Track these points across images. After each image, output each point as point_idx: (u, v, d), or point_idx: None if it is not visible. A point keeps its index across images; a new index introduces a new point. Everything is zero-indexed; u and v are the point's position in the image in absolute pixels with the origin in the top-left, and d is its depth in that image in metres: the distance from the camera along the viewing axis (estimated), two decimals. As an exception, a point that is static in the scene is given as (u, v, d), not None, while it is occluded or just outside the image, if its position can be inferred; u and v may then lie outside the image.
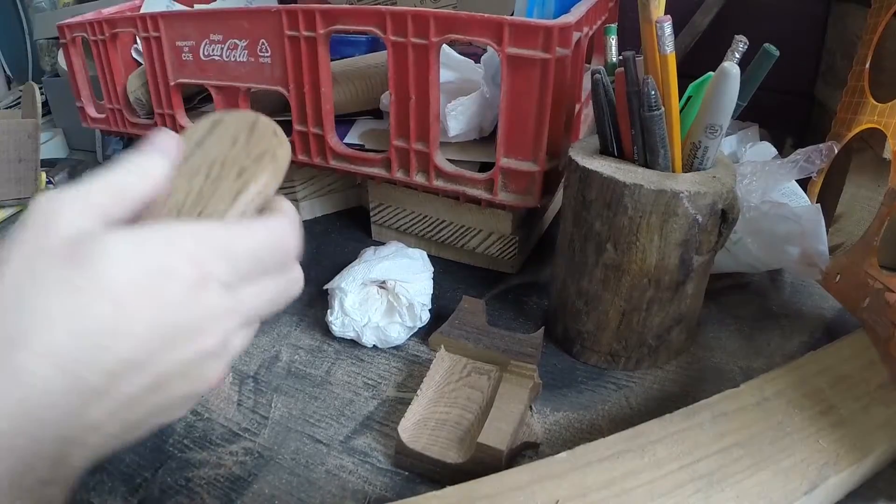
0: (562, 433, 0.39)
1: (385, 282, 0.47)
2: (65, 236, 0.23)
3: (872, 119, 0.49)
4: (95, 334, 0.22)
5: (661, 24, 0.35)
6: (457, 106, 0.50)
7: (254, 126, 0.33)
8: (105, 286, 0.22)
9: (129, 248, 0.23)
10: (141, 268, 0.23)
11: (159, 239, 0.24)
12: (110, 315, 0.22)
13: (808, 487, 0.31)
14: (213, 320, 0.25)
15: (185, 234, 0.25)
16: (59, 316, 0.22)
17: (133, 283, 0.23)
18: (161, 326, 0.24)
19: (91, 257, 0.22)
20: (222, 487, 0.36)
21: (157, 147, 0.27)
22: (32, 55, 1.15)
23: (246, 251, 0.27)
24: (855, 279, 0.43)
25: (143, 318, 0.23)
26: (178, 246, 0.24)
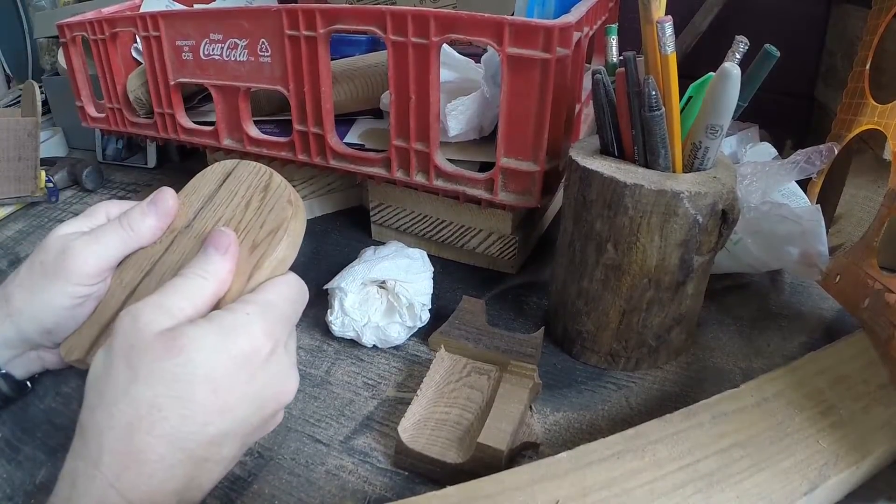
0: (562, 433, 0.39)
1: (385, 282, 0.47)
2: (153, 333, 0.27)
3: (872, 120, 0.49)
4: (199, 414, 0.26)
5: (661, 24, 0.35)
6: (457, 106, 0.50)
7: (267, 188, 0.34)
8: (202, 373, 0.26)
9: (214, 339, 0.27)
10: (228, 353, 0.27)
11: (237, 325, 0.28)
12: (209, 397, 0.26)
13: (809, 488, 0.31)
14: (287, 378, 0.30)
15: (253, 312, 0.29)
16: (168, 402, 0.26)
17: (223, 367, 0.27)
18: (251, 398, 0.28)
19: (185, 349, 0.26)
20: (222, 487, 0.36)
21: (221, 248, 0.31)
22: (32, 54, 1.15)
23: (291, 309, 0.31)
24: (855, 280, 0.43)
25: (237, 395, 0.27)
26: (253, 327, 0.28)
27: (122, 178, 0.81)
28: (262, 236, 0.32)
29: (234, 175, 0.35)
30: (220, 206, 0.34)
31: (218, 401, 0.26)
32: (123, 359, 0.26)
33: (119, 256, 0.34)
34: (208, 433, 0.26)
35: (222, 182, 0.35)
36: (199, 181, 0.36)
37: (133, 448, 0.25)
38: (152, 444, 0.25)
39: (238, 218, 0.33)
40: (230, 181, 0.35)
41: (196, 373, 0.26)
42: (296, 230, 0.32)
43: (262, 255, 0.31)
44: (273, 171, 0.34)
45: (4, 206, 0.70)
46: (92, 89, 0.71)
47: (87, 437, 0.26)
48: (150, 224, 0.34)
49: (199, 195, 0.35)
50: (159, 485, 0.25)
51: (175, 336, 0.26)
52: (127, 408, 0.25)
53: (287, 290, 0.31)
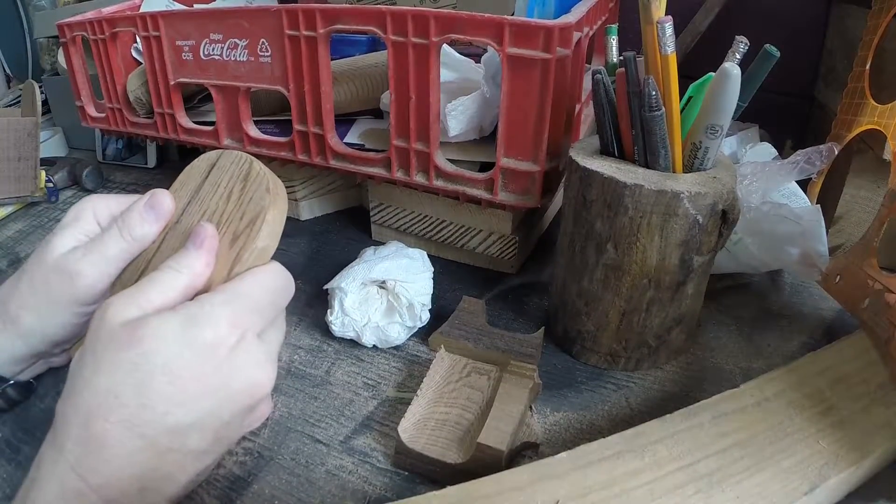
0: (562, 433, 0.39)
1: (385, 282, 0.47)
2: (118, 324, 0.27)
3: (872, 120, 0.49)
4: (158, 403, 0.26)
5: (662, 24, 0.35)
6: (457, 106, 0.50)
7: (247, 177, 0.34)
8: (160, 363, 0.27)
9: (176, 329, 0.27)
10: (189, 343, 0.27)
11: (201, 315, 0.28)
12: (168, 388, 0.27)
13: (809, 488, 0.31)
14: (259, 370, 0.30)
15: (219, 303, 0.29)
16: (125, 390, 0.26)
17: (184, 358, 0.27)
18: (216, 390, 0.28)
19: (145, 339, 0.27)
20: (222, 487, 0.36)
21: (197, 242, 0.31)
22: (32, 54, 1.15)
23: (267, 299, 0.31)
24: (855, 280, 0.43)
25: (199, 387, 0.27)
26: (218, 317, 0.28)
27: (122, 178, 0.81)
28: (242, 227, 0.32)
29: (217, 166, 0.35)
30: (205, 200, 0.34)
31: (177, 391, 0.27)
32: (91, 350, 0.27)
33: (122, 265, 0.34)
34: (168, 423, 0.27)
35: (207, 174, 0.35)
36: (187, 175, 0.36)
37: (92, 433, 0.26)
38: (109, 430, 0.26)
39: (220, 210, 0.33)
40: (214, 172, 0.35)
41: (154, 362, 0.26)
42: (274, 219, 0.32)
43: (242, 247, 0.31)
44: (253, 158, 0.34)
45: (4, 206, 0.70)
46: (92, 89, 0.71)
47: (56, 426, 0.27)
48: (150, 230, 0.34)
49: (187, 189, 0.35)
50: (118, 470, 0.26)
51: (136, 326, 0.27)
52: (89, 396, 0.26)
53: (264, 280, 0.31)
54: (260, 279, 0.31)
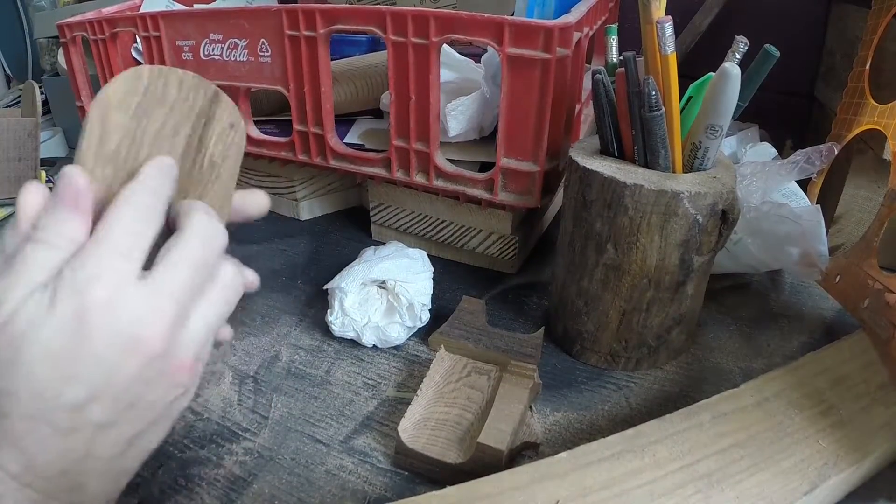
0: (562, 433, 0.39)
1: (385, 282, 0.47)
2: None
3: (872, 120, 0.49)
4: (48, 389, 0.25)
5: (661, 24, 0.35)
6: (457, 106, 0.50)
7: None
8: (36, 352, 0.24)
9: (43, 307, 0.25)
10: (55, 320, 0.25)
11: (65, 283, 0.25)
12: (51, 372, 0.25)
13: (808, 488, 0.31)
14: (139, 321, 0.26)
15: (90, 256, 0.25)
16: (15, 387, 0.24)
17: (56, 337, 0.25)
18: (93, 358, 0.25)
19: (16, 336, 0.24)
20: (222, 487, 0.36)
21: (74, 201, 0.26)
22: (32, 54, 1.15)
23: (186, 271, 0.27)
24: (855, 280, 0.43)
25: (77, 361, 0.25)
26: (79, 280, 0.25)
27: (123, 179, 0.81)
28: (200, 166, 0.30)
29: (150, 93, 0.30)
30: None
31: (61, 372, 0.25)
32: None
33: None
34: (62, 403, 0.25)
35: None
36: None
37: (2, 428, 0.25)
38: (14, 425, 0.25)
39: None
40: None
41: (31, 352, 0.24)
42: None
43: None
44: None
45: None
46: (92, 89, 0.71)
47: None
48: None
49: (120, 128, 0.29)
50: (32, 457, 0.25)
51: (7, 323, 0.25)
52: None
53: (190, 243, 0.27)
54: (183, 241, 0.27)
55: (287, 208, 0.67)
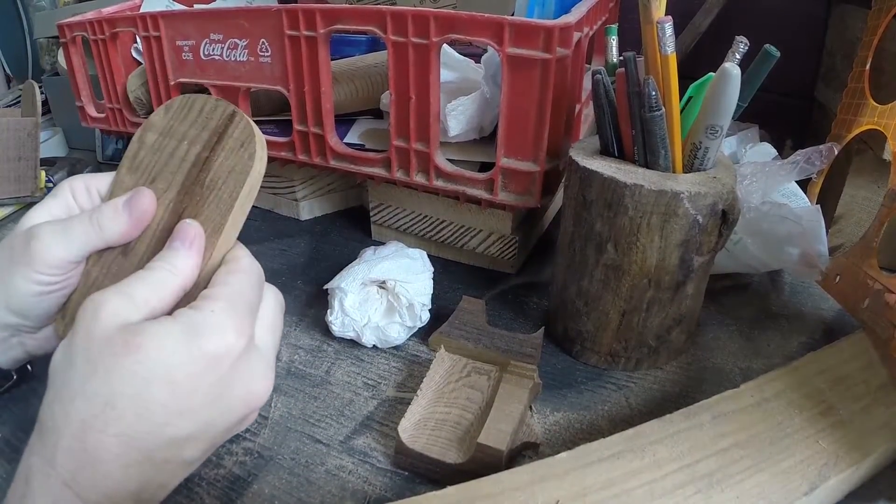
0: (562, 433, 0.39)
1: (385, 282, 0.47)
2: (115, 327, 0.26)
3: (872, 120, 0.49)
4: (157, 415, 0.25)
5: (661, 24, 0.35)
6: (457, 106, 0.50)
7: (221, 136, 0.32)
8: (161, 373, 0.25)
9: (178, 338, 0.26)
10: (192, 353, 0.26)
11: (205, 324, 0.27)
12: (168, 398, 0.25)
13: (808, 488, 0.31)
14: (261, 379, 0.29)
15: (221, 309, 0.27)
16: (123, 401, 0.25)
17: (186, 368, 0.26)
18: (216, 401, 0.27)
19: (144, 347, 0.25)
20: (222, 487, 0.36)
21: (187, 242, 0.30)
22: (32, 54, 1.15)
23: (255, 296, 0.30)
24: (855, 280, 0.43)
25: (199, 398, 0.26)
26: (222, 325, 0.27)
27: (122, 178, 0.81)
28: (216, 216, 0.31)
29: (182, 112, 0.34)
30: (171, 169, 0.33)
31: (177, 402, 0.26)
32: (83, 352, 0.25)
33: (85, 252, 0.32)
34: (166, 434, 0.25)
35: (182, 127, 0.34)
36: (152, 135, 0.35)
37: (88, 446, 0.24)
38: (107, 443, 0.24)
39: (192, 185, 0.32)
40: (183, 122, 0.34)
41: (155, 371, 0.25)
42: (250, 195, 0.31)
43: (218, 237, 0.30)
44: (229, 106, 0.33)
45: (4, 206, 0.70)
46: (92, 89, 0.71)
47: (44, 434, 0.25)
48: (120, 228, 0.31)
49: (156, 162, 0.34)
50: (115, 484, 0.24)
51: (136, 332, 0.26)
52: (83, 405, 0.25)
53: (249, 278, 0.30)
54: (243, 277, 0.30)
55: (287, 208, 0.67)
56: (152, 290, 0.28)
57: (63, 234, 0.31)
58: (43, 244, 0.31)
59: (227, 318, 0.27)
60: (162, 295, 0.28)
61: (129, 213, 0.32)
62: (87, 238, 0.31)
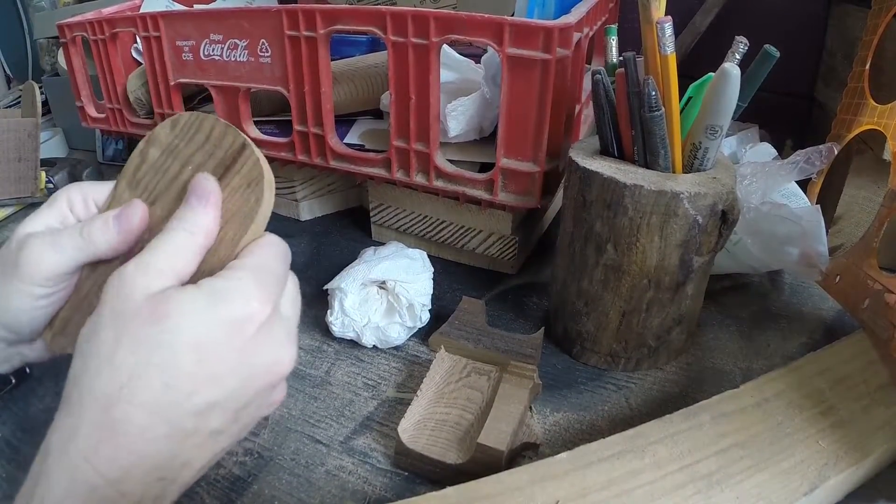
0: (562, 433, 0.39)
1: (385, 282, 0.47)
2: (141, 297, 0.26)
3: (872, 120, 0.49)
4: (184, 383, 0.25)
5: (661, 24, 0.35)
6: (457, 106, 0.50)
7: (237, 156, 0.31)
8: (187, 340, 0.25)
9: (203, 304, 0.26)
10: (218, 319, 0.26)
11: (230, 289, 0.27)
12: (195, 365, 0.25)
13: (808, 488, 0.31)
14: (282, 347, 0.29)
15: (246, 277, 0.27)
16: (150, 370, 0.25)
17: (211, 334, 0.26)
18: (241, 368, 0.27)
19: (171, 315, 0.25)
20: (222, 488, 0.36)
21: (203, 197, 0.29)
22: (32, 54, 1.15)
23: (283, 269, 0.30)
24: (855, 280, 0.43)
25: (226, 364, 0.26)
26: (247, 291, 0.27)
27: (123, 179, 0.81)
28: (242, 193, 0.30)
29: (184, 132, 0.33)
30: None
31: (204, 369, 0.25)
32: (110, 324, 0.25)
33: (74, 264, 0.32)
34: (194, 403, 0.25)
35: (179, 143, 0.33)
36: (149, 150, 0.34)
37: (112, 419, 0.24)
38: (132, 414, 0.24)
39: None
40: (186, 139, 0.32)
41: (181, 339, 0.25)
42: (271, 189, 0.31)
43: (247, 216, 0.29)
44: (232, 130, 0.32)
45: (4, 206, 0.70)
46: (92, 90, 0.71)
47: (69, 409, 0.25)
48: (109, 241, 0.31)
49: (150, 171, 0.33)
50: (139, 459, 0.24)
51: (161, 300, 0.25)
52: (109, 376, 0.24)
53: (275, 249, 0.30)
54: (271, 249, 0.29)
55: (287, 209, 0.67)
56: (174, 255, 0.28)
57: (52, 246, 0.31)
58: (32, 257, 0.30)
59: (252, 285, 0.27)
60: (184, 258, 0.28)
61: (118, 226, 0.31)
62: (77, 250, 0.31)
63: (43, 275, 0.31)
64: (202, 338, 0.25)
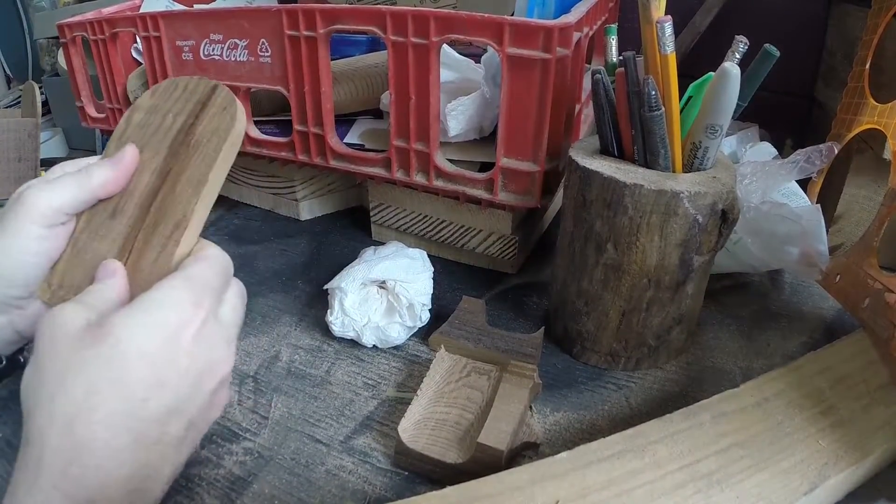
0: (562, 433, 0.39)
1: (385, 282, 0.47)
2: (79, 327, 0.26)
3: (872, 120, 0.49)
4: (138, 392, 0.26)
5: (661, 24, 0.35)
6: (457, 106, 0.50)
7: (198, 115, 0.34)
8: (132, 350, 0.26)
9: (142, 316, 0.27)
10: (158, 326, 0.27)
11: (164, 299, 0.28)
12: (146, 372, 0.26)
13: (808, 488, 0.31)
14: (220, 349, 0.30)
15: (177, 286, 0.29)
16: (103, 385, 0.25)
17: (155, 341, 0.27)
18: (188, 372, 0.28)
19: (112, 332, 0.26)
20: (222, 487, 0.36)
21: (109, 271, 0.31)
22: (32, 54, 1.15)
23: (217, 280, 0.31)
24: (855, 280, 0.43)
25: (174, 369, 0.27)
26: (179, 299, 0.28)
27: (123, 179, 0.81)
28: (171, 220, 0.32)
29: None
30: None
31: (155, 374, 0.26)
32: (49, 357, 0.26)
33: (74, 202, 0.33)
34: (150, 409, 0.26)
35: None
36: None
37: (76, 440, 0.24)
38: (95, 430, 0.24)
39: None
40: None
41: (128, 351, 0.26)
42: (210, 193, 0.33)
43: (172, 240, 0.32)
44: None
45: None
46: (92, 89, 0.71)
47: (30, 443, 0.25)
48: (106, 175, 0.33)
49: None
50: (106, 475, 0.24)
51: (101, 324, 0.26)
52: (64, 400, 0.25)
53: (211, 262, 0.31)
54: (207, 261, 0.31)
55: (287, 208, 0.67)
56: (101, 294, 0.29)
57: (52, 184, 0.32)
58: (31, 194, 0.32)
59: (183, 292, 0.28)
60: (110, 295, 0.29)
61: (112, 163, 0.33)
62: (75, 186, 0.32)
63: (43, 209, 0.32)
64: (145, 346, 0.26)
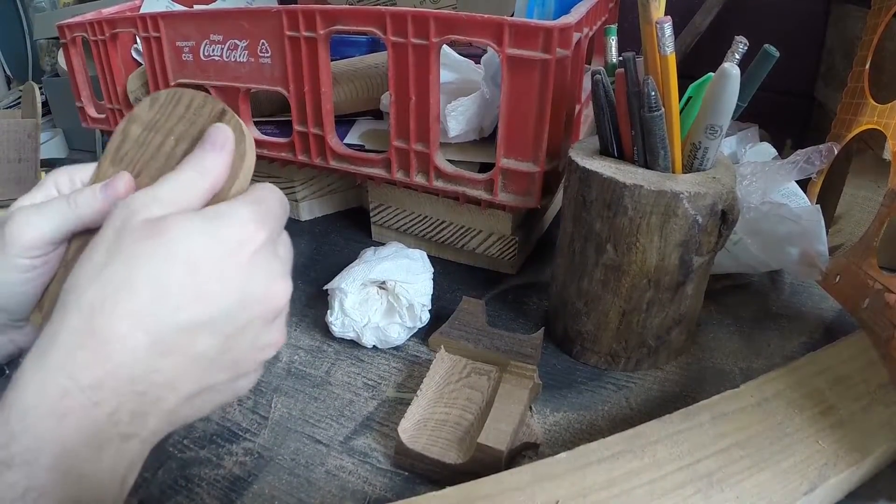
0: (562, 433, 0.40)
1: (385, 282, 0.47)
2: (140, 220, 0.26)
3: (872, 120, 0.49)
4: (172, 297, 0.25)
5: (661, 24, 0.35)
6: (457, 106, 0.50)
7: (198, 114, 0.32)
8: (181, 254, 0.25)
9: (201, 223, 0.26)
10: (215, 237, 0.26)
11: (228, 213, 0.27)
12: (186, 280, 0.25)
13: (808, 488, 0.31)
14: (279, 278, 0.28)
15: (243, 204, 0.28)
16: (139, 281, 0.25)
17: (208, 251, 0.26)
18: (235, 289, 0.26)
19: (167, 231, 0.25)
20: (222, 487, 0.36)
21: (217, 145, 0.29)
22: (32, 55, 1.15)
23: (280, 210, 0.29)
24: (855, 280, 0.43)
25: (219, 283, 0.26)
26: (244, 216, 0.27)
27: (123, 179, 0.81)
28: None
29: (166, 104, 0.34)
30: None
31: (195, 284, 0.25)
32: (105, 244, 0.26)
33: (60, 231, 0.31)
34: (179, 319, 0.25)
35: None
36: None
37: (93, 327, 0.24)
38: (114, 324, 0.24)
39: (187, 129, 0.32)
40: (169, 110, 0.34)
41: (175, 251, 0.25)
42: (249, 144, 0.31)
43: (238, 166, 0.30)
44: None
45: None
46: (92, 90, 0.71)
47: (52, 322, 0.25)
48: (95, 205, 0.31)
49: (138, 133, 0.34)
50: (115, 368, 0.24)
51: (159, 220, 0.26)
52: (98, 288, 0.24)
53: (272, 192, 0.30)
54: (273, 192, 0.30)
55: (287, 209, 0.67)
56: (179, 191, 0.28)
57: (38, 213, 0.31)
58: (17, 225, 0.30)
59: (248, 211, 0.27)
60: (189, 196, 0.28)
61: (104, 193, 0.31)
62: (62, 216, 0.31)
63: (27, 242, 0.30)
64: (196, 253, 0.25)
